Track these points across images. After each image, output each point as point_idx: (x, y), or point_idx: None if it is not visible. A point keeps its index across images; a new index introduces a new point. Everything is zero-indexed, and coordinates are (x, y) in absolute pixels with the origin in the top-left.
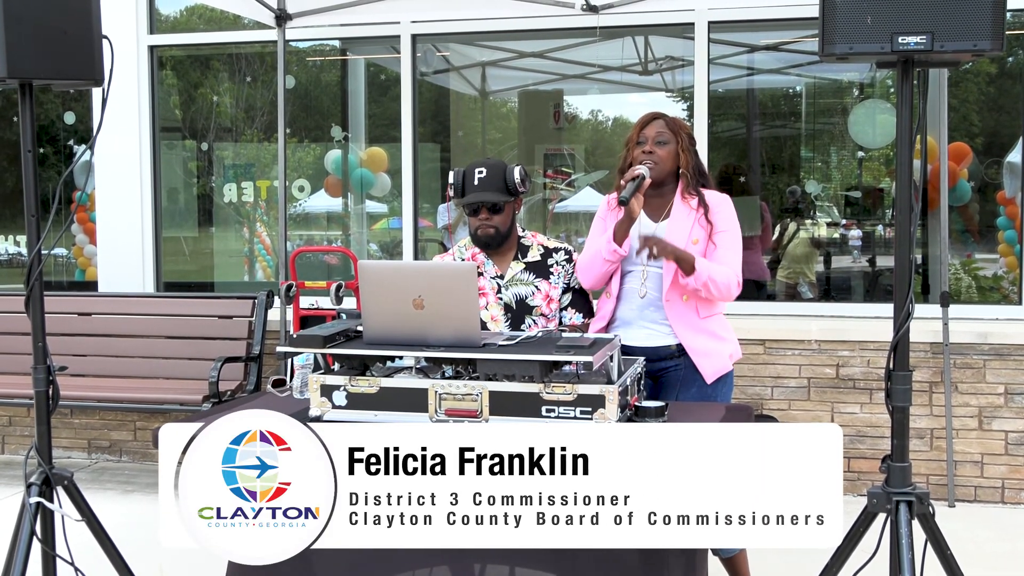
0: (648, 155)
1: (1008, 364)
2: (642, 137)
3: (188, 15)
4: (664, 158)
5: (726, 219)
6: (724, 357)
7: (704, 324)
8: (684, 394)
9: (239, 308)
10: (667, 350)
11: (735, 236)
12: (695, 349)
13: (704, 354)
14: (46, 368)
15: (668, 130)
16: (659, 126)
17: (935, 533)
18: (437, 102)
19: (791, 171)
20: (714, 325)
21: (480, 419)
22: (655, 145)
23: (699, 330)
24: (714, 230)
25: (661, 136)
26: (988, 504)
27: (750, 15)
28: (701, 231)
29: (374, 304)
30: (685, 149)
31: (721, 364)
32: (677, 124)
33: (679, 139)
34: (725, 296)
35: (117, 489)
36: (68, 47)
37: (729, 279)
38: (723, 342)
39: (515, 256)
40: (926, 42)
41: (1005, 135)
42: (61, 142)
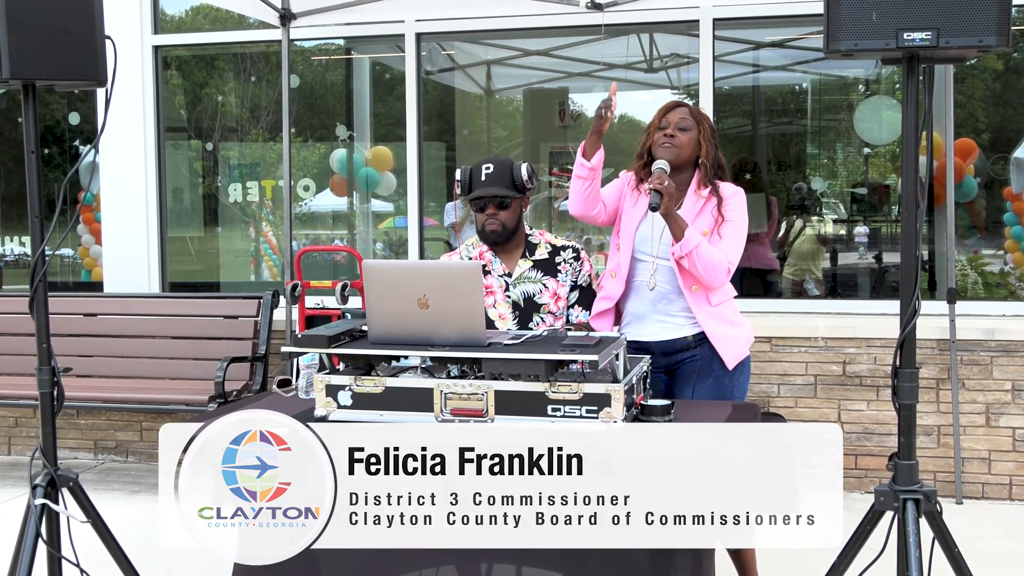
0: (669, 138)
1: (1015, 360)
2: (664, 122)
3: (193, 14)
4: (685, 144)
5: (734, 210)
6: (742, 342)
7: (717, 311)
8: (701, 384)
9: (244, 308)
10: (683, 342)
11: (739, 228)
12: (716, 335)
13: (724, 339)
14: (51, 369)
15: (691, 117)
16: (682, 112)
17: (942, 531)
18: (442, 101)
19: (797, 168)
20: (726, 311)
21: (486, 419)
22: (677, 130)
23: (715, 317)
24: (722, 221)
25: (684, 122)
26: (996, 501)
27: (755, 12)
28: (709, 222)
29: (379, 304)
30: (706, 139)
31: (740, 350)
32: (700, 114)
33: (701, 128)
34: (711, 279)
35: (123, 490)
36: (71, 48)
37: (719, 262)
38: (738, 327)
39: (523, 254)
40: (931, 38)
41: (1011, 131)
42: (66, 142)
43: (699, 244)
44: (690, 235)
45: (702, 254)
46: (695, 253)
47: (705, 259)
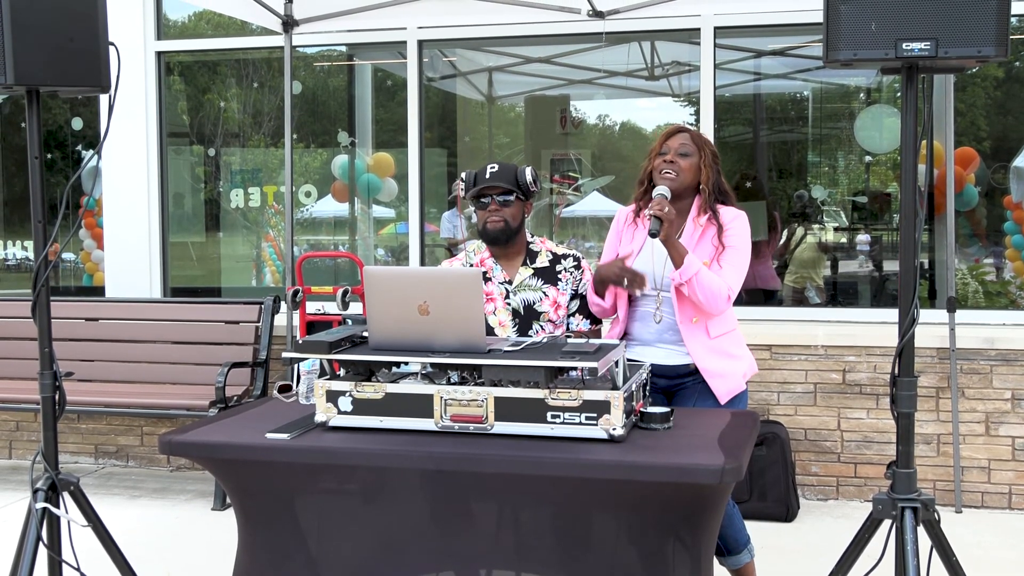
0: (669, 164)
1: (1015, 369)
2: (665, 148)
3: (196, 20)
4: (685, 170)
5: (735, 236)
6: (737, 377)
7: (716, 344)
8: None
9: (246, 313)
10: (685, 368)
11: (740, 254)
12: (708, 371)
13: (718, 375)
14: (52, 374)
15: (692, 143)
16: (683, 138)
17: (940, 539)
18: (444, 107)
19: (798, 176)
20: (727, 344)
21: (486, 425)
22: (677, 156)
23: (711, 350)
24: (722, 250)
25: (684, 148)
26: (995, 510)
27: (756, 20)
28: (709, 251)
29: (380, 310)
30: (707, 164)
31: (734, 384)
32: (702, 139)
33: (702, 154)
34: (711, 306)
35: (124, 494)
36: (75, 54)
37: (719, 288)
38: (737, 360)
39: (524, 261)
40: (930, 48)
41: (1012, 139)
42: (69, 148)
43: (699, 271)
44: (690, 262)
45: (702, 281)
46: (695, 280)
47: (705, 286)
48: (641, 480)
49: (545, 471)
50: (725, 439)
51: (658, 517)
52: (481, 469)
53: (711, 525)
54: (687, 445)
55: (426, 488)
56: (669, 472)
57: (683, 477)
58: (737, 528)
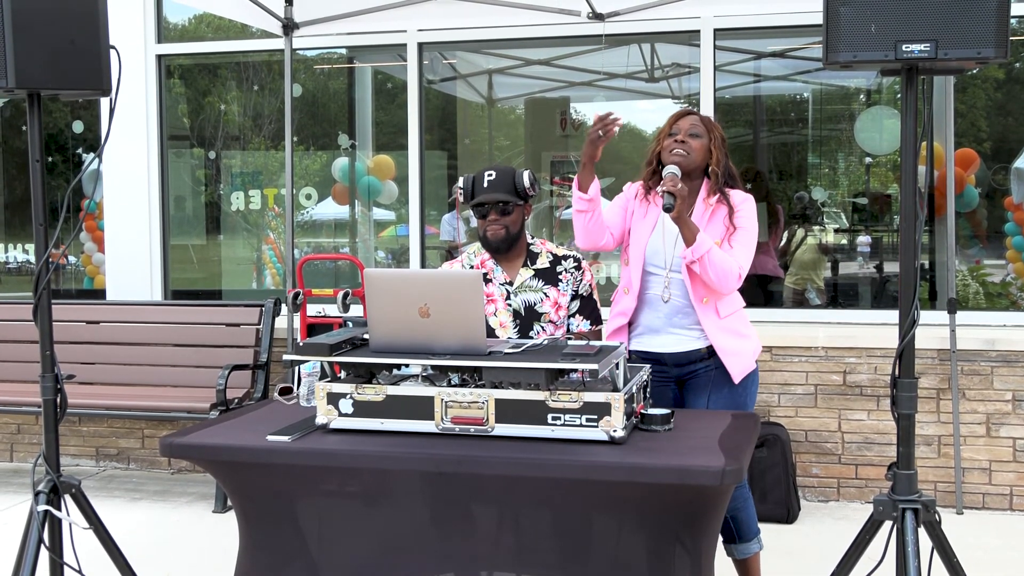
0: (680, 144)
1: (1016, 371)
2: (675, 129)
3: (196, 23)
4: (696, 150)
5: (745, 217)
6: (749, 356)
7: (726, 323)
8: (716, 394)
9: (246, 316)
10: (697, 353)
11: (750, 235)
12: (724, 349)
13: (732, 353)
14: (54, 376)
15: (702, 125)
16: (693, 120)
17: (941, 540)
18: (444, 110)
19: (798, 177)
20: (736, 323)
21: (486, 427)
22: (688, 136)
23: (722, 329)
24: (733, 230)
25: (695, 129)
26: (996, 511)
27: (755, 22)
28: (720, 231)
29: (380, 312)
30: (717, 147)
31: (746, 363)
32: (711, 122)
33: (712, 136)
34: (722, 285)
35: (125, 497)
36: (76, 57)
37: (730, 267)
38: (746, 339)
39: (524, 263)
40: (930, 50)
41: (1013, 140)
42: (70, 151)
43: (711, 249)
44: (701, 239)
45: (713, 259)
46: (707, 258)
47: (716, 264)
48: (642, 482)
49: (546, 473)
50: (726, 441)
51: (659, 519)
52: (482, 471)
53: (712, 527)
54: (688, 447)
55: (427, 490)
56: (670, 474)
57: (684, 479)
58: (750, 513)
